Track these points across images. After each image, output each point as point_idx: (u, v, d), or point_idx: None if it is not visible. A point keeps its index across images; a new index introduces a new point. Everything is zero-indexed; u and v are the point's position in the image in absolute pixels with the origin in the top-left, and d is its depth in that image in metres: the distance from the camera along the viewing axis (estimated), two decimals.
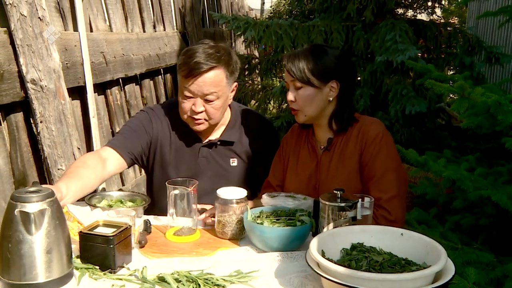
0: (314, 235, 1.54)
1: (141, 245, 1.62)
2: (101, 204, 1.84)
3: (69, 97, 2.57)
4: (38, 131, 2.35)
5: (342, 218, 1.53)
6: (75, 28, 2.82)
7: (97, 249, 1.42)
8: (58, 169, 2.39)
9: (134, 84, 3.66)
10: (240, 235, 1.70)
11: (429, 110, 4.48)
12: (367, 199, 1.59)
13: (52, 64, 2.36)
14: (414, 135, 4.53)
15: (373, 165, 1.80)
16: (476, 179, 2.39)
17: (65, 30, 2.74)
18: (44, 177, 2.44)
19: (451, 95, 2.99)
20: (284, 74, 1.91)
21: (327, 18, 4.92)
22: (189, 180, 1.73)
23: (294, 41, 4.74)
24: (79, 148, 2.54)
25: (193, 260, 1.54)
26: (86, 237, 1.44)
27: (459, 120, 5.24)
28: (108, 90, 3.27)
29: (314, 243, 1.34)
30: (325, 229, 1.54)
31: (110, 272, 1.41)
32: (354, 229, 1.47)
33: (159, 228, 1.78)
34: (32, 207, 1.29)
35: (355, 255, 1.35)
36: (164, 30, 4.35)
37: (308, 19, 5.34)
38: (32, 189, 1.34)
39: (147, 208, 1.90)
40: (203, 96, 1.92)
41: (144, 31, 3.90)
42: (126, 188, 3.35)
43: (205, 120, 1.97)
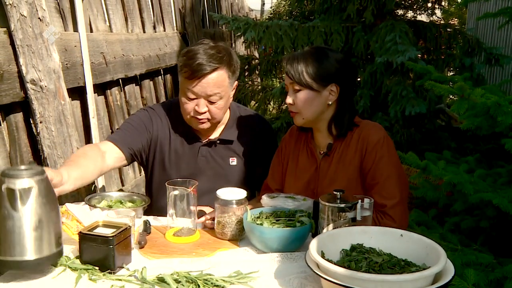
0: (313, 236, 1.54)
1: (141, 245, 1.61)
2: (101, 205, 1.84)
3: (69, 97, 2.57)
4: (38, 131, 2.35)
5: (342, 219, 1.53)
6: (75, 29, 2.82)
7: (97, 249, 1.42)
8: None
9: (134, 84, 3.66)
10: (239, 236, 1.70)
11: (429, 111, 4.48)
12: (366, 200, 1.59)
13: (52, 65, 2.36)
14: (414, 136, 4.53)
15: (375, 172, 1.79)
16: (476, 182, 2.39)
17: (65, 30, 2.74)
18: None
19: (451, 96, 2.98)
20: (284, 75, 1.90)
21: (327, 19, 4.92)
22: (189, 180, 1.73)
23: (294, 42, 4.74)
24: (78, 149, 2.53)
25: (193, 260, 1.54)
26: (85, 238, 1.44)
27: (459, 121, 5.24)
28: (108, 91, 3.27)
29: (313, 244, 1.34)
30: (324, 230, 1.54)
31: (110, 273, 1.41)
32: (354, 230, 1.47)
33: (158, 229, 1.78)
34: (18, 183, 1.32)
35: (355, 256, 1.35)
36: (164, 30, 4.35)
37: (308, 20, 5.34)
38: (23, 167, 1.36)
39: (146, 208, 1.90)
40: (206, 97, 1.93)
41: (144, 32, 3.90)
42: (126, 188, 3.35)
43: (208, 120, 1.98)
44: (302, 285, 1.36)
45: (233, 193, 1.70)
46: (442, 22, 6.53)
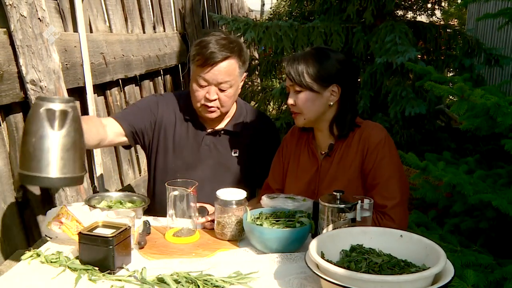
0: (313, 236, 1.54)
1: (141, 246, 1.61)
2: (101, 205, 1.84)
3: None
4: None
5: (342, 219, 1.53)
6: (75, 29, 2.82)
7: (97, 250, 1.42)
8: None
9: (134, 85, 3.66)
10: (239, 236, 1.70)
11: (429, 112, 4.49)
12: (366, 201, 1.59)
13: (52, 65, 2.36)
14: (414, 136, 4.53)
15: (376, 172, 1.79)
16: (475, 182, 2.39)
17: (65, 31, 2.74)
18: None
19: (451, 96, 2.98)
20: (284, 76, 1.91)
21: (327, 20, 4.93)
22: (188, 181, 1.74)
23: (294, 43, 4.74)
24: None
25: (193, 261, 1.54)
26: (85, 238, 1.44)
27: (458, 122, 5.25)
28: (108, 91, 3.26)
29: (313, 244, 1.34)
30: (324, 231, 1.54)
31: (110, 273, 1.41)
32: (354, 230, 1.48)
33: (158, 229, 1.78)
34: (58, 106, 1.46)
35: (355, 257, 1.35)
36: (164, 31, 4.35)
37: (308, 21, 5.33)
38: (47, 96, 1.55)
39: (148, 204, 1.91)
40: (217, 84, 2.00)
41: (144, 32, 3.89)
42: (126, 189, 3.34)
43: (218, 108, 2.04)
44: (302, 286, 1.37)
45: (233, 194, 1.70)
46: (442, 22, 6.53)
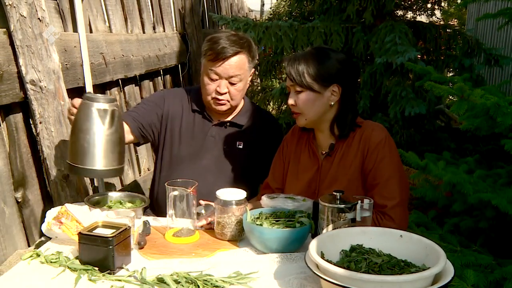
0: (313, 236, 1.54)
1: (140, 246, 1.61)
2: (100, 205, 1.84)
3: (69, 98, 2.57)
4: (38, 132, 2.35)
5: (342, 219, 1.53)
6: (75, 29, 2.82)
7: (96, 250, 1.42)
8: (58, 170, 2.39)
9: (134, 85, 3.66)
10: (239, 236, 1.70)
11: (429, 112, 4.48)
12: (366, 201, 1.59)
13: (52, 65, 2.36)
14: (414, 136, 4.53)
15: (376, 172, 1.79)
16: (475, 182, 2.39)
17: (64, 31, 2.74)
18: (43, 178, 2.44)
19: (451, 97, 2.98)
20: (284, 76, 1.92)
21: (327, 20, 4.92)
22: (188, 181, 1.74)
23: (294, 43, 4.74)
24: None
25: (192, 261, 1.54)
26: (85, 238, 1.44)
27: (458, 122, 5.25)
28: (108, 91, 3.26)
29: (313, 244, 1.34)
30: (324, 231, 1.54)
31: (109, 273, 1.41)
32: (354, 230, 1.48)
33: (158, 229, 1.78)
34: (106, 106, 1.67)
35: (354, 257, 1.35)
36: (164, 31, 4.35)
37: (307, 21, 5.32)
38: (94, 95, 1.70)
39: (149, 202, 1.92)
40: (228, 78, 2.08)
41: (144, 32, 3.89)
42: (126, 189, 3.34)
43: (228, 101, 2.12)
44: (302, 286, 1.37)
45: (233, 194, 1.70)
46: (441, 22, 6.53)
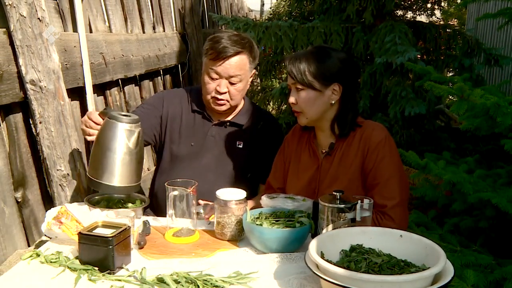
0: (313, 236, 1.54)
1: (140, 246, 1.61)
2: (100, 205, 1.84)
3: (69, 98, 2.57)
4: (37, 132, 2.35)
5: (341, 219, 1.53)
6: (75, 29, 2.81)
7: (96, 250, 1.42)
8: (57, 170, 2.39)
9: (134, 85, 3.66)
10: (239, 236, 1.70)
11: (429, 112, 4.48)
12: (366, 201, 1.59)
13: (52, 65, 2.36)
14: (414, 136, 4.53)
15: (376, 172, 1.79)
16: (475, 182, 2.39)
17: (64, 31, 2.74)
18: (43, 178, 2.44)
19: (451, 96, 2.98)
20: (284, 75, 1.92)
21: (327, 20, 4.92)
22: (188, 181, 1.74)
23: (294, 43, 4.74)
24: (78, 149, 2.53)
25: (192, 261, 1.54)
26: (85, 238, 1.44)
27: (458, 122, 5.25)
28: (108, 91, 3.26)
29: (313, 244, 1.34)
30: (324, 231, 1.54)
31: (109, 273, 1.41)
32: (353, 230, 1.48)
33: (158, 229, 1.78)
34: (133, 127, 1.76)
35: (354, 257, 1.35)
36: (164, 31, 4.35)
37: (307, 21, 5.32)
38: (118, 113, 1.77)
39: (148, 202, 1.93)
40: (228, 77, 2.08)
41: (144, 32, 3.89)
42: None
43: (227, 101, 2.12)
44: (302, 286, 1.36)
45: (233, 194, 1.70)
46: (441, 22, 6.52)
